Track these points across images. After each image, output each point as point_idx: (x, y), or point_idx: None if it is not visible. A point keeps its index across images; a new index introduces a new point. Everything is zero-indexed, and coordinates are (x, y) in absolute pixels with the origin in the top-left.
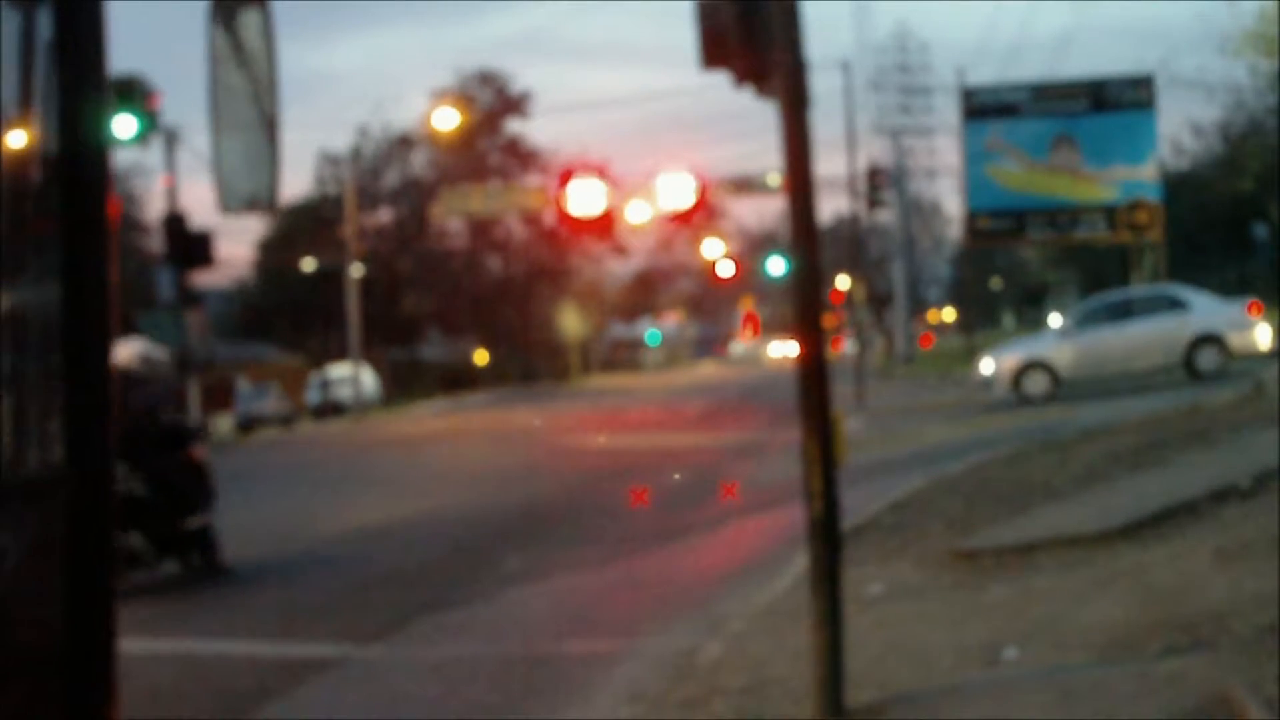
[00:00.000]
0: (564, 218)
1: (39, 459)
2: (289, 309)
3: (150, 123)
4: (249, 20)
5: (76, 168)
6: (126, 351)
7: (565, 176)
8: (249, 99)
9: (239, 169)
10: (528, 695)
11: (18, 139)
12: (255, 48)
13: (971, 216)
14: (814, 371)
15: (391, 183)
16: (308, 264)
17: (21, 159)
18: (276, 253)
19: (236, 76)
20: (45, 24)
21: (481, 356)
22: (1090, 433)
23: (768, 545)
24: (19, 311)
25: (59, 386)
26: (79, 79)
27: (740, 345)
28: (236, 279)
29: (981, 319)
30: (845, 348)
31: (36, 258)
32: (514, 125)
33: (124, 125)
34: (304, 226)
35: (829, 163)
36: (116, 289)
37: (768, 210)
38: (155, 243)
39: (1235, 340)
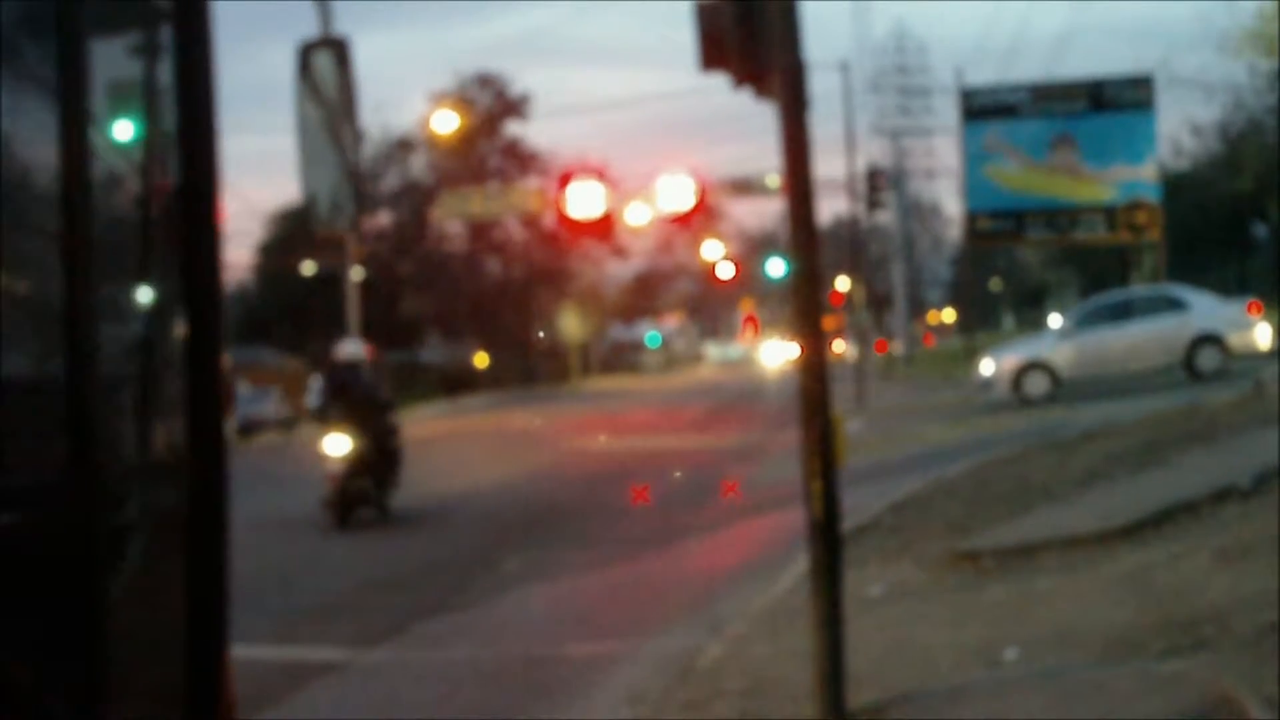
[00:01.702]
0: (563, 220)
1: (164, 443)
2: (289, 312)
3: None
4: (324, 62)
5: (197, 189)
6: (349, 349)
7: (565, 179)
8: (329, 135)
9: (324, 197)
10: (528, 697)
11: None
12: (331, 90)
13: (971, 217)
14: (814, 373)
15: (391, 185)
16: (307, 267)
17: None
18: (276, 256)
19: (317, 114)
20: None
21: (481, 359)
22: (1090, 433)
23: (768, 547)
24: (151, 313)
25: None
26: (197, 114)
27: (720, 347)
28: (236, 282)
29: (981, 320)
30: (848, 351)
31: (160, 266)
32: (513, 128)
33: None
34: (303, 230)
35: (828, 164)
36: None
37: (767, 212)
38: None
39: (1235, 340)
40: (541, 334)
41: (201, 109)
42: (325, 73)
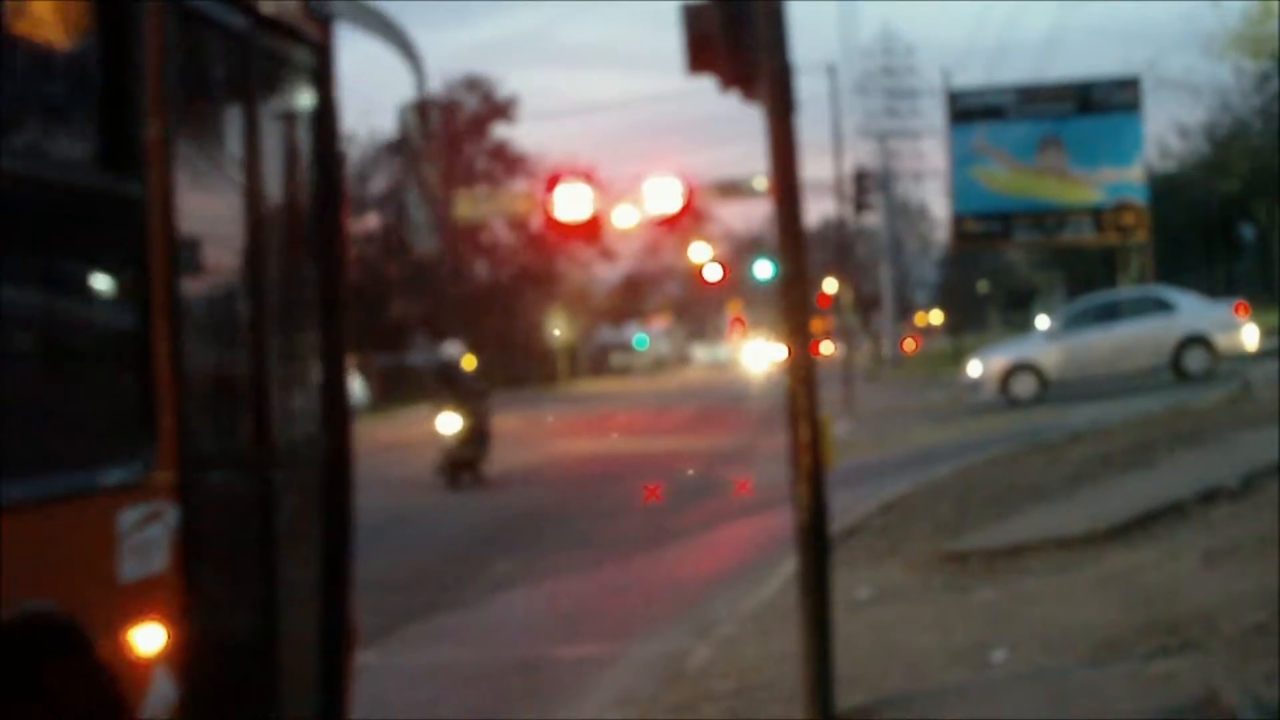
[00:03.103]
0: (551, 222)
1: (305, 431)
2: None
3: None
4: (412, 119)
5: (332, 217)
6: (451, 350)
7: (552, 181)
8: (418, 175)
9: (420, 227)
10: (517, 699)
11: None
12: (418, 142)
13: (958, 219)
14: (802, 375)
15: (379, 188)
16: None
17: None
18: None
19: (409, 160)
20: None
21: (469, 361)
22: (1078, 434)
23: (757, 549)
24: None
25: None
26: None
27: (708, 349)
28: None
29: (969, 321)
30: (837, 351)
31: (304, 283)
32: (500, 130)
33: None
34: None
35: (815, 166)
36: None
37: (755, 214)
38: None
39: (1222, 341)
40: (529, 339)
41: (333, 163)
42: (412, 125)
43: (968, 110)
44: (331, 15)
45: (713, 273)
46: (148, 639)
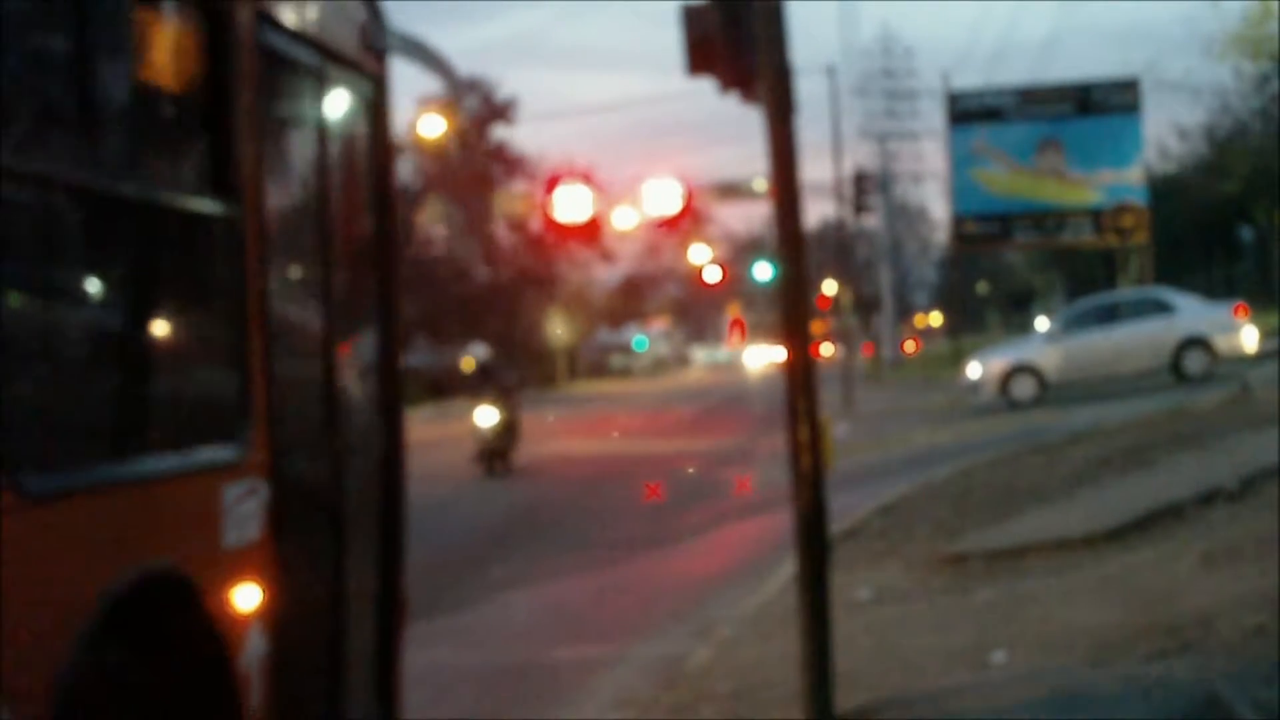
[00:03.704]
0: (550, 224)
1: (365, 421)
2: None
3: None
4: (455, 144)
5: (387, 232)
6: (482, 352)
7: (552, 183)
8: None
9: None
10: (516, 701)
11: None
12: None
13: (958, 220)
14: (801, 377)
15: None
16: None
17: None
18: None
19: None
20: None
21: (469, 363)
22: (1077, 436)
23: (756, 550)
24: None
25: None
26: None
27: (707, 351)
28: None
29: (968, 323)
30: (837, 352)
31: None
32: (500, 132)
33: None
34: None
35: (815, 167)
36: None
37: (754, 215)
38: None
39: (1221, 343)
40: (529, 341)
41: (388, 182)
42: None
43: (967, 112)
44: (387, 49)
45: (712, 274)
46: (245, 598)
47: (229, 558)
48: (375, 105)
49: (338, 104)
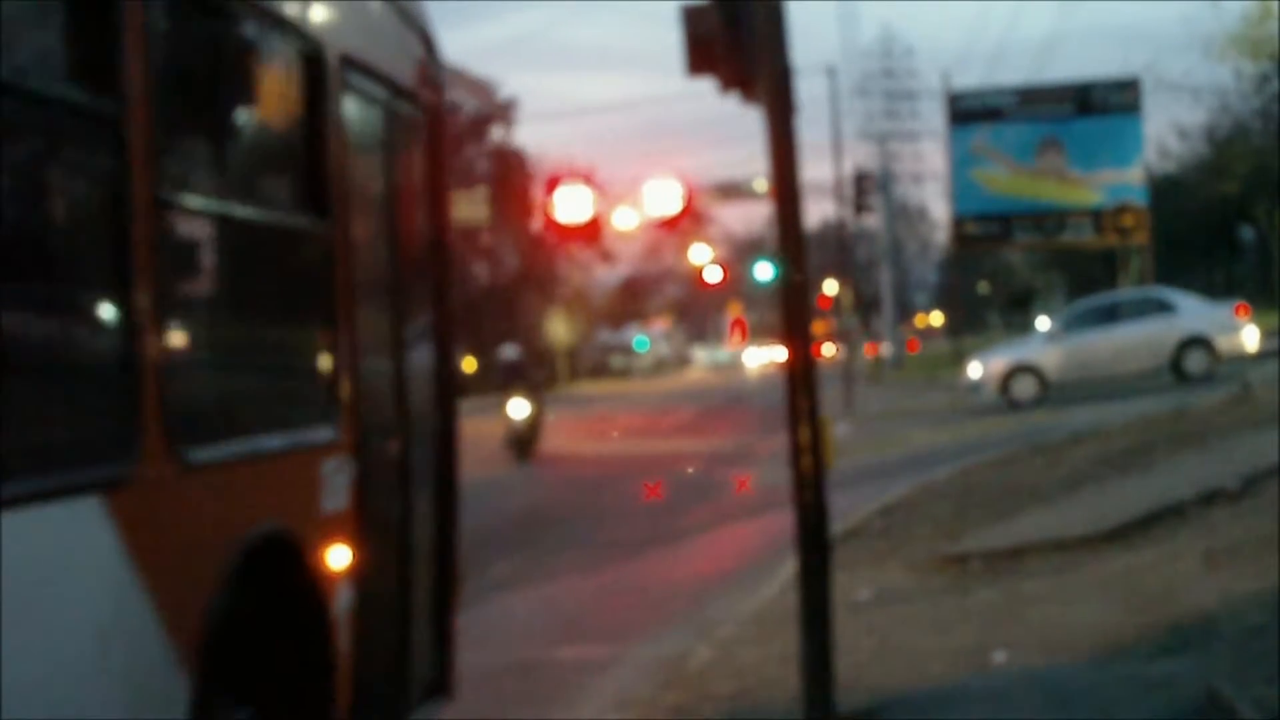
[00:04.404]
0: (551, 224)
1: (425, 408)
2: None
3: None
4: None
5: (442, 242)
6: (511, 350)
7: (552, 183)
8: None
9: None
10: (517, 701)
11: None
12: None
13: (958, 221)
14: (802, 377)
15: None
16: None
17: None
18: None
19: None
20: None
21: (469, 364)
22: (1078, 436)
23: (757, 550)
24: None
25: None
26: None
27: (708, 351)
28: None
29: (969, 323)
30: (838, 352)
31: (424, 294)
32: (500, 132)
33: None
34: None
35: (815, 168)
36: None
37: (755, 216)
38: None
39: (1222, 343)
40: (529, 341)
41: (443, 198)
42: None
43: (967, 112)
44: (444, 83)
45: (713, 275)
46: (337, 556)
47: (326, 521)
48: (432, 130)
49: (403, 131)
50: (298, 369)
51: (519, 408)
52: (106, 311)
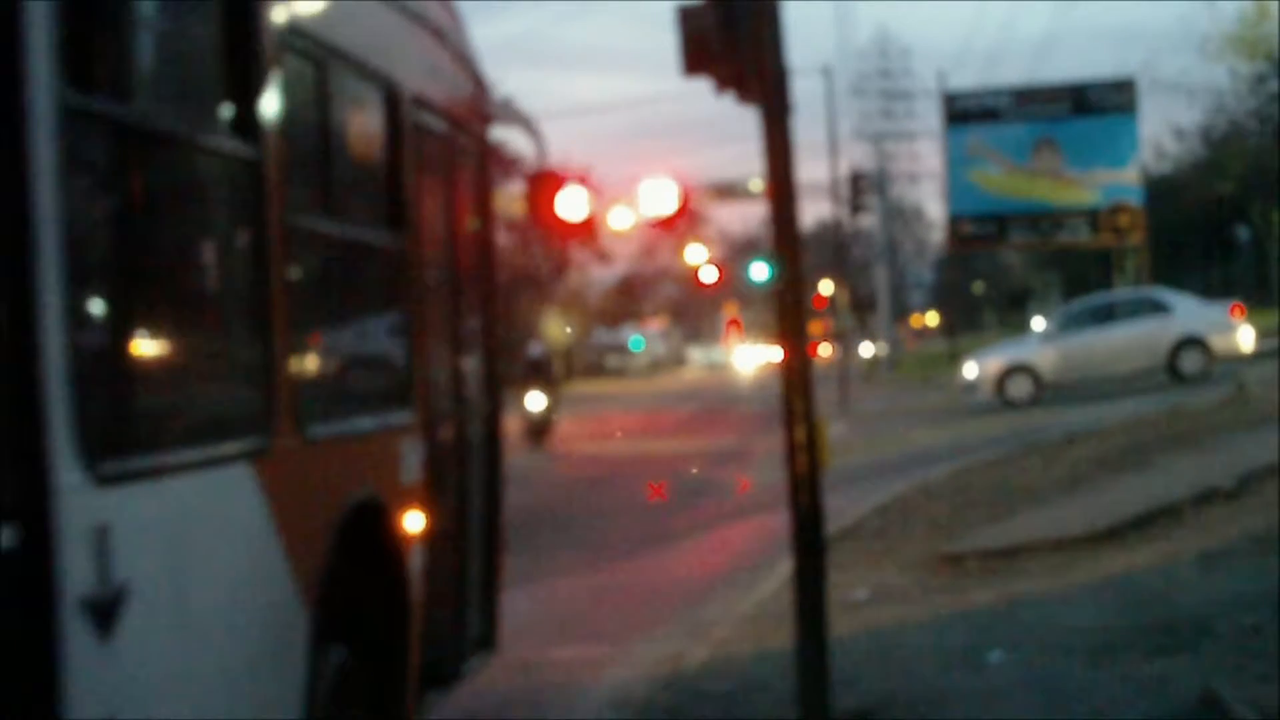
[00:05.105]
0: (547, 222)
1: (477, 397)
2: None
3: None
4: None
5: (490, 253)
6: (537, 347)
7: (548, 182)
8: None
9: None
10: (512, 701)
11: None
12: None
13: (954, 221)
14: (798, 377)
15: None
16: None
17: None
18: None
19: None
20: None
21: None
22: (1074, 436)
23: (753, 550)
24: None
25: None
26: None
27: (704, 351)
28: None
29: (965, 323)
30: (834, 352)
31: (475, 298)
32: (496, 132)
33: None
34: None
35: (811, 168)
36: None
37: (751, 216)
38: None
39: (1218, 343)
40: (524, 341)
41: (490, 213)
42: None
43: (963, 112)
44: (492, 115)
45: (709, 274)
46: (413, 522)
47: (405, 491)
48: (481, 157)
49: (459, 158)
50: (384, 361)
51: (537, 400)
52: (253, 319)
